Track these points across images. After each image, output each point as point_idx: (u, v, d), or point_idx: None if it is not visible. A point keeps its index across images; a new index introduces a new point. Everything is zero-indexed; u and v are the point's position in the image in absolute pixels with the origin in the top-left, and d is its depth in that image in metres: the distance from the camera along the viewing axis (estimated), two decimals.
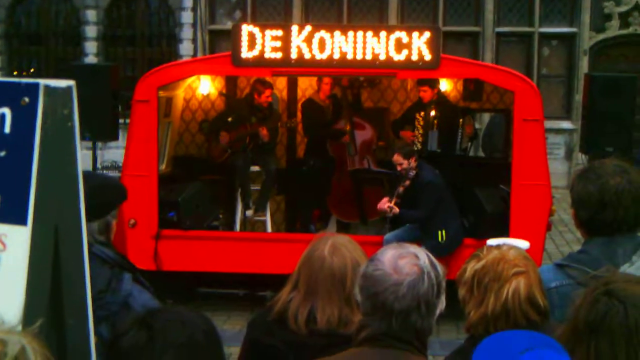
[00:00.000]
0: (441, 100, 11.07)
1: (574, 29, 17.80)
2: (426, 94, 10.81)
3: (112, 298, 3.34)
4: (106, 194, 3.72)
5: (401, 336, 2.66)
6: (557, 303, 3.13)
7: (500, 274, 2.92)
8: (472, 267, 3.00)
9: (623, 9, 17.64)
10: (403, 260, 2.68)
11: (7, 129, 2.24)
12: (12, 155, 2.23)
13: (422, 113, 10.92)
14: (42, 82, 2.21)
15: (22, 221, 2.19)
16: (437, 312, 2.70)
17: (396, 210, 9.38)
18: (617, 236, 3.29)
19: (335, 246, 3.32)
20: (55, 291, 2.26)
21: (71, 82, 2.29)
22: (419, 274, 2.65)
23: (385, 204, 9.43)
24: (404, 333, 2.66)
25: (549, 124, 10.20)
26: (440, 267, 2.71)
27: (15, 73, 18.38)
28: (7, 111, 2.24)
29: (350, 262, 3.27)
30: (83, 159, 2.41)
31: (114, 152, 14.62)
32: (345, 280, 3.24)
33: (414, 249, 2.75)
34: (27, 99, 2.21)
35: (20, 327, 2.07)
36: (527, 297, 2.89)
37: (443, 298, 2.70)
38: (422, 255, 2.71)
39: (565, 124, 17.31)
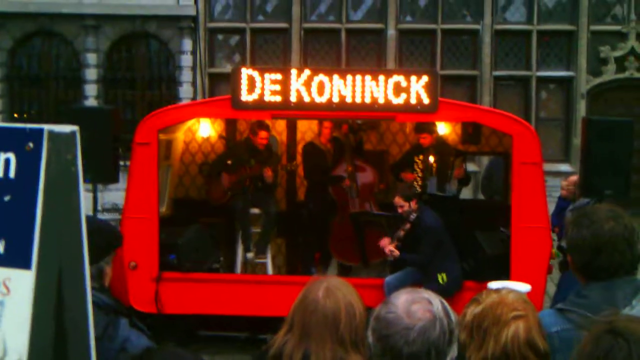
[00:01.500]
0: (440, 143, 11.12)
1: (571, 73, 17.92)
2: (425, 137, 10.88)
3: (109, 345, 3.33)
4: (100, 239, 3.72)
5: None
6: (558, 347, 3.14)
7: (499, 317, 2.93)
8: (471, 311, 3.01)
9: (619, 53, 17.78)
10: (416, 305, 2.69)
11: (11, 174, 2.26)
12: (17, 199, 2.25)
13: (421, 156, 10.96)
14: (47, 127, 2.24)
15: (27, 265, 2.20)
16: (448, 358, 2.70)
17: (396, 253, 9.40)
18: (616, 280, 3.30)
19: (329, 289, 3.33)
20: (59, 336, 2.26)
21: (75, 128, 2.32)
22: (431, 319, 2.66)
23: (386, 244, 9.44)
24: None
25: (547, 166, 10.24)
26: (453, 315, 2.72)
27: (15, 115, 18.46)
28: (12, 156, 2.26)
29: (344, 305, 3.28)
30: (84, 201, 2.43)
31: (115, 194, 14.64)
32: (339, 323, 3.25)
33: (427, 294, 2.76)
34: (31, 145, 2.24)
35: None
36: (527, 340, 2.89)
37: (455, 347, 2.70)
38: (436, 302, 2.72)
39: (564, 167, 17.34)
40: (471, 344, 2.96)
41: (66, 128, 2.30)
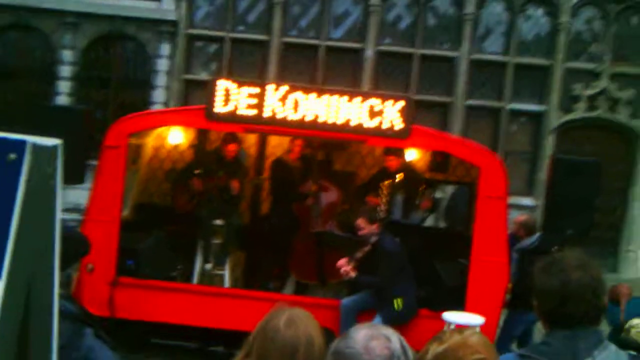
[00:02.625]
0: (407, 170, 11.16)
1: (542, 107, 18.08)
2: (392, 162, 10.91)
3: (73, 354, 3.33)
4: (69, 246, 3.71)
5: None
6: None
7: (461, 359, 2.96)
8: (433, 349, 3.03)
9: (591, 92, 17.95)
10: (375, 342, 2.71)
11: None
12: None
13: (388, 181, 11.00)
14: (30, 140, 2.25)
15: None
16: None
17: (352, 274, 9.41)
18: (579, 329, 3.34)
19: (291, 319, 3.35)
20: (23, 348, 2.27)
21: (58, 142, 2.33)
22: (389, 356, 2.68)
23: (343, 264, 9.46)
24: None
25: (511, 199, 10.29)
26: (411, 352, 2.75)
27: None
28: None
29: (304, 336, 3.30)
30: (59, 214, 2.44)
31: (77, 194, 14.53)
32: (296, 353, 3.27)
33: (386, 330, 2.79)
34: (13, 156, 2.25)
35: None
36: None
37: None
38: (394, 339, 2.74)
39: (527, 201, 17.49)
40: None
41: (49, 142, 2.31)
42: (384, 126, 9.46)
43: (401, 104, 9.46)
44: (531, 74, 18.25)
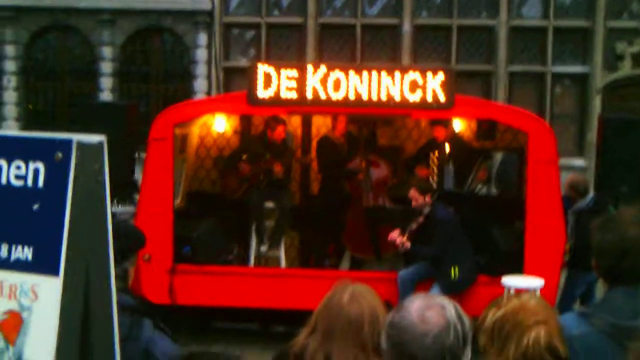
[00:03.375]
0: (455, 139, 11.12)
1: (586, 69, 17.85)
2: (440, 133, 10.88)
3: (133, 345, 3.37)
4: (124, 240, 3.76)
5: None
6: (579, 351, 3.15)
7: (520, 323, 2.94)
8: (492, 315, 3.02)
9: (635, 49, 17.67)
10: (430, 311, 2.70)
11: (40, 183, 2.30)
12: (46, 208, 2.28)
13: (437, 152, 10.96)
14: (75, 138, 2.27)
15: (55, 272, 2.24)
16: None
17: (407, 245, 9.41)
18: (639, 286, 3.31)
19: (354, 294, 3.36)
20: (85, 341, 2.29)
21: (102, 138, 2.35)
22: (446, 325, 2.67)
23: (397, 236, 9.46)
24: None
25: (561, 161, 10.22)
26: (466, 319, 2.73)
27: (30, 107, 18.58)
28: (41, 166, 2.30)
29: (368, 311, 3.32)
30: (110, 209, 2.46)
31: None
32: (362, 328, 3.28)
33: (441, 300, 2.78)
34: (60, 154, 2.27)
35: None
36: (547, 346, 2.90)
37: (468, 350, 2.72)
38: (449, 307, 2.73)
39: (578, 162, 17.30)
40: (491, 349, 2.97)
41: (94, 138, 2.33)
42: (428, 99, 9.43)
43: (441, 75, 9.43)
44: (572, 36, 17.99)
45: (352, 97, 9.40)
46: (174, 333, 3.70)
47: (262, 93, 9.48)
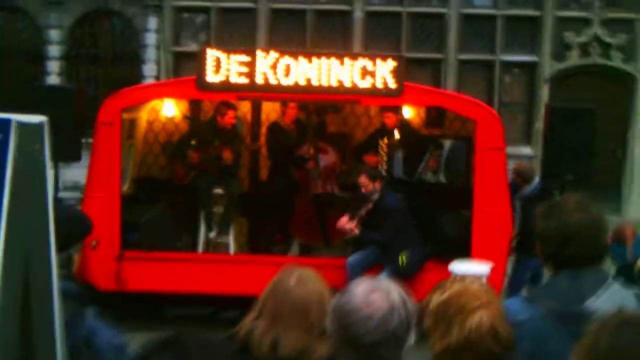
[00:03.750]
0: (404, 126, 11.16)
1: (535, 58, 18.02)
2: (390, 119, 10.90)
3: (75, 333, 3.31)
4: (71, 227, 3.70)
5: None
6: (524, 336, 3.18)
7: (463, 306, 2.97)
8: (436, 298, 3.05)
9: (582, 39, 17.88)
10: (374, 295, 2.72)
11: None
12: None
13: (386, 139, 10.99)
14: (15, 118, 2.23)
15: None
16: (406, 346, 2.74)
17: (356, 231, 9.46)
18: (583, 269, 3.35)
19: (300, 278, 3.37)
20: (26, 324, 2.26)
21: (43, 118, 2.31)
22: (390, 309, 2.69)
23: (345, 222, 9.50)
24: None
25: (509, 150, 10.32)
26: (410, 304, 2.76)
27: None
28: None
29: (316, 295, 3.33)
30: (51, 189, 2.42)
31: (76, 172, 14.50)
32: (309, 312, 3.29)
33: (386, 284, 2.79)
34: None
35: None
36: (490, 329, 2.94)
37: (412, 333, 2.75)
38: (394, 291, 2.75)
39: (526, 150, 17.48)
40: (435, 332, 3.00)
41: (34, 119, 2.29)
42: (378, 85, 9.45)
43: (392, 62, 9.45)
44: (521, 25, 18.14)
45: (302, 83, 9.39)
46: (123, 320, 3.66)
47: (212, 78, 9.43)
